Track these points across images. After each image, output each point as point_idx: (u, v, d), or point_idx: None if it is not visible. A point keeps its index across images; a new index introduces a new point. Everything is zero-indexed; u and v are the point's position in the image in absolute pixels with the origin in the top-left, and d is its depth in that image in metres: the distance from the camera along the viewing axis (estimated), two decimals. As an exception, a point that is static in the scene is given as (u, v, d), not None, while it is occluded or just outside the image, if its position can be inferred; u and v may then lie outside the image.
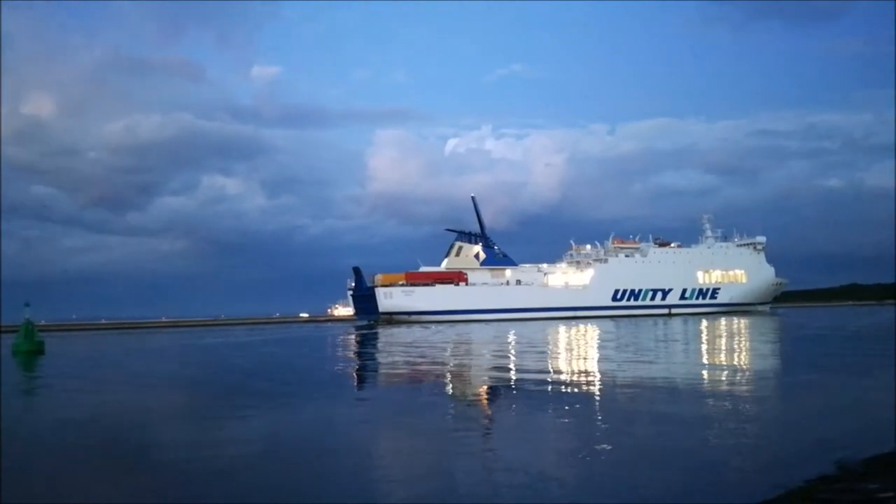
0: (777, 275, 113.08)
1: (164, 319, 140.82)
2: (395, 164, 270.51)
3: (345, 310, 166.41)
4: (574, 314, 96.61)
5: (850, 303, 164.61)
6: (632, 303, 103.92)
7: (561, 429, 11.22)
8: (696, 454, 9.05)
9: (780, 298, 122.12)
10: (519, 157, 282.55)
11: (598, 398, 14.71)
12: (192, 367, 30.30)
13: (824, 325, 55.82)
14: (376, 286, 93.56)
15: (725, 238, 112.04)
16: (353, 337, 55.64)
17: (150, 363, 33.03)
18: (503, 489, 7.72)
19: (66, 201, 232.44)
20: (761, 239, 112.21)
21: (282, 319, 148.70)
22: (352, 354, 36.31)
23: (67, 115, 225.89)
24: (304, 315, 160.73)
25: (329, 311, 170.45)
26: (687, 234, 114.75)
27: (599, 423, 11.50)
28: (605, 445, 9.51)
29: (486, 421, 12.78)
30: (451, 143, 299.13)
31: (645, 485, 7.69)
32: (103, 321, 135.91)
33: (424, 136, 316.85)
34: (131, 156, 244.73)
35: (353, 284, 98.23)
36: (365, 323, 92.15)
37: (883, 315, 78.12)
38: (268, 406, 15.32)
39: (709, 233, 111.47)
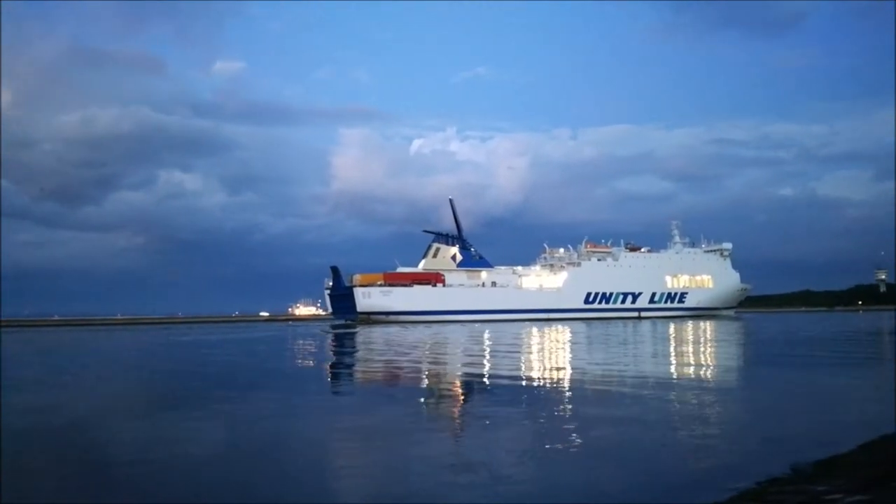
0: (741, 280, 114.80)
1: (119, 317, 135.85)
2: (358, 163, 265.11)
3: (306, 309, 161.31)
4: (548, 316, 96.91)
5: (803, 309, 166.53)
6: (603, 306, 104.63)
7: (518, 427, 10.93)
8: (650, 455, 8.81)
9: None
10: (483, 159, 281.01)
11: (557, 398, 14.45)
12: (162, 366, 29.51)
13: (786, 329, 56.56)
14: (355, 286, 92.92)
15: (693, 244, 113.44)
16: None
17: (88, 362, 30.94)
18: (455, 488, 7.39)
19: (18, 194, 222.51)
20: (727, 245, 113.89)
21: (242, 318, 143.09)
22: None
23: (22, 106, 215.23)
24: (265, 314, 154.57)
25: (290, 309, 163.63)
26: (645, 239, 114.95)
27: (555, 422, 11.23)
28: (557, 445, 9.24)
29: (453, 418, 12.46)
30: (416, 143, 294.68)
31: (594, 486, 7.42)
32: (55, 317, 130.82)
33: (389, 137, 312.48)
34: (87, 149, 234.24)
35: (331, 284, 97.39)
36: (342, 322, 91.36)
37: (845, 320, 79.55)
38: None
39: (677, 238, 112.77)
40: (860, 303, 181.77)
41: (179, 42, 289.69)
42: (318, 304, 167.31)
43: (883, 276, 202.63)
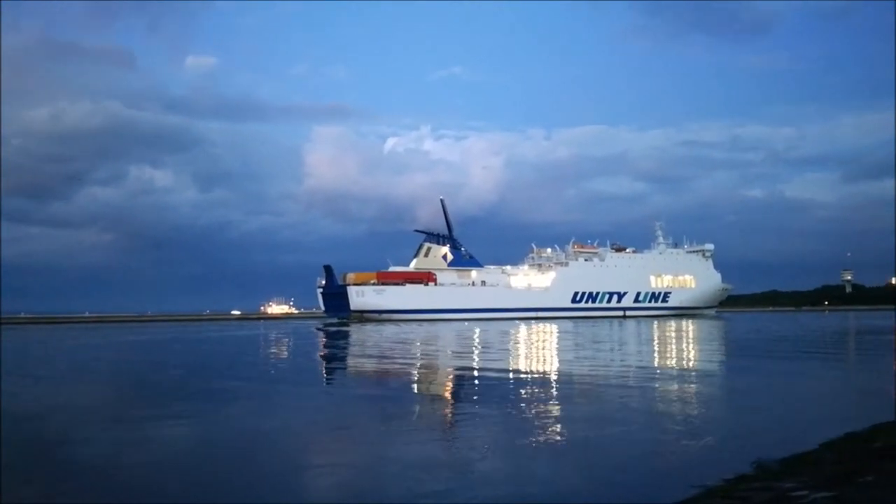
0: (722, 280, 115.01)
1: (87, 315, 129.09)
2: (332, 161, 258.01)
3: (279, 307, 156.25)
4: (536, 315, 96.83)
5: (770, 309, 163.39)
6: (590, 305, 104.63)
7: (485, 422, 10.75)
8: (621, 451, 8.66)
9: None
10: (457, 158, 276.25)
11: (532, 394, 14.27)
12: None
13: (760, 327, 56.73)
14: (348, 285, 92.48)
15: (676, 245, 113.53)
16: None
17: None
18: (421, 481, 7.21)
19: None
20: (709, 246, 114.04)
21: (213, 317, 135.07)
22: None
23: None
24: (237, 312, 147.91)
25: (263, 308, 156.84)
26: (618, 239, 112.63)
27: (527, 417, 11.03)
28: (525, 440, 9.06)
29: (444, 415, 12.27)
30: (391, 141, 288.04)
31: (561, 483, 7.25)
32: (22, 315, 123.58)
33: (363, 134, 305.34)
34: (56, 144, 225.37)
35: (324, 282, 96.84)
36: (335, 320, 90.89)
37: (812, 320, 79.90)
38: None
39: (660, 239, 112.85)
40: (826, 303, 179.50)
41: (151, 36, 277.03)
42: (291, 303, 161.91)
43: (849, 277, 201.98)
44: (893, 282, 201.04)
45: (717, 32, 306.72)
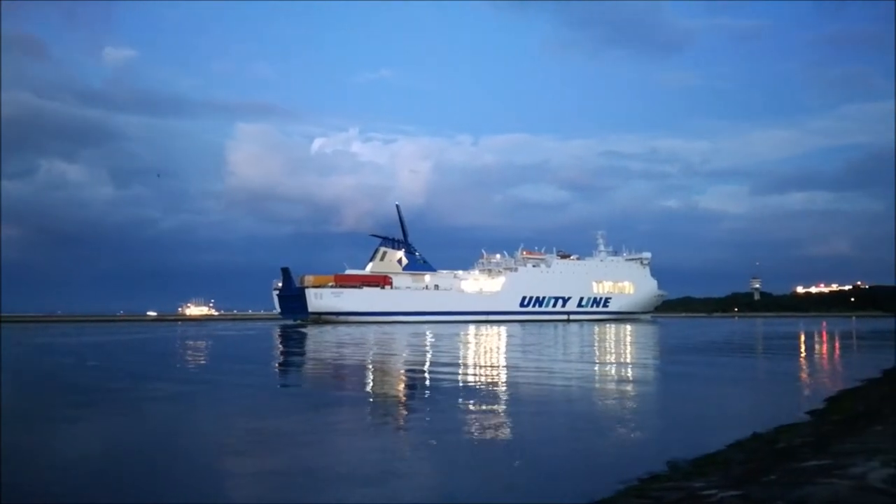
0: (659, 287, 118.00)
1: None
2: (256, 159, 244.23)
3: (198, 308, 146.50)
4: (486, 318, 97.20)
5: (684, 314, 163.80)
6: (537, 309, 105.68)
7: (407, 421, 10.45)
8: (540, 451, 8.48)
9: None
10: (385, 161, 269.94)
11: (455, 394, 14.00)
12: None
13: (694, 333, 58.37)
14: (306, 287, 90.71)
15: (616, 252, 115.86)
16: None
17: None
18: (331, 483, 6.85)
19: None
20: (647, 254, 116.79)
21: (127, 318, 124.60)
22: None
23: None
24: (152, 313, 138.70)
25: (181, 309, 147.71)
26: (540, 246, 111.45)
27: (451, 417, 10.74)
28: (445, 438, 8.80)
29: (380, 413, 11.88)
30: (318, 142, 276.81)
31: (475, 483, 7.01)
32: None
33: (289, 134, 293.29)
34: None
35: (281, 284, 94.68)
36: (292, 322, 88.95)
37: (723, 325, 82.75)
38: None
39: (602, 247, 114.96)
40: (736, 309, 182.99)
41: (67, 26, 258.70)
42: (211, 304, 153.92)
43: (757, 286, 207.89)
44: (798, 290, 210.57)
45: (637, 48, 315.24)
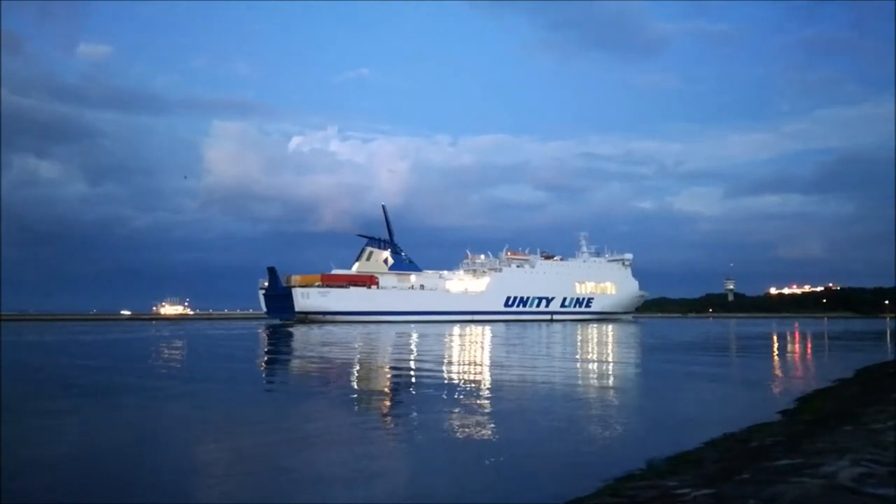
0: (640, 288, 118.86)
1: None
2: (233, 157, 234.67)
3: (173, 308, 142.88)
4: (471, 318, 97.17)
5: (659, 315, 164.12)
6: (521, 309, 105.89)
7: (390, 419, 10.32)
8: (516, 450, 8.39)
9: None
10: (363, 160, 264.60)
11: (429, 393, 13.90)
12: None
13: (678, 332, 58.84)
14: (293, 286, 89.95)
15: (598, 254, 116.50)
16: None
17: None
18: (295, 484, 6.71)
19: None
20: (629, 256, 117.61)
21: (99, 316, 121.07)
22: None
23: None
24: (126, 312, 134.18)
25: (155, 308, 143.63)
26: (519, 247, 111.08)
27: (425, 415, 10.64)
28: (420, 435, 8.69)
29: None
30: (295, 140, 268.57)
31: (452, 481, 6.91)
32: None
33: (267, 132, 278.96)
34: None
35: (267, 284, 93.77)
36: (279, 322, 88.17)
37: (699, 325, 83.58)
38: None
39: (584, 248, 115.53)
40: (710, 310, 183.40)
41: (41, 22, 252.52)
42: (187, 303, 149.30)
43: (731, 287, 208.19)
44: (772, 292, 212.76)
45: (615, 50, 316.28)
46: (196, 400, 13.10)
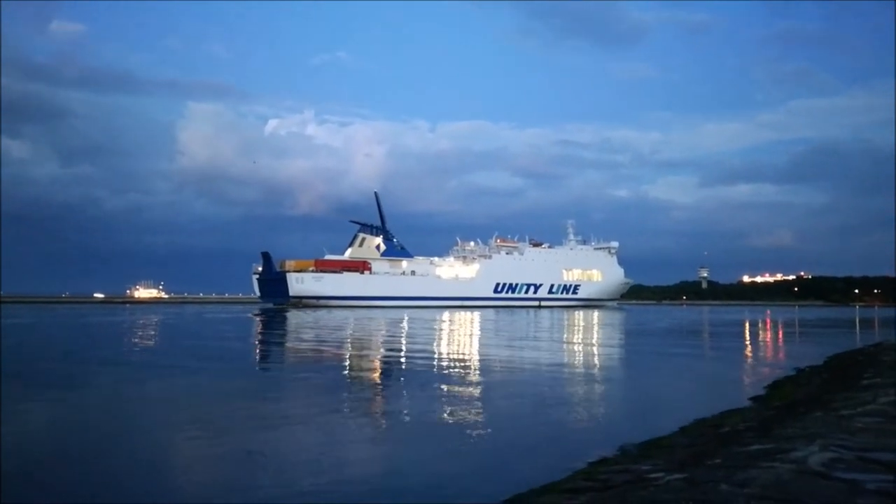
0: (626, 275, 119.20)
1: None
2: (208, 139, 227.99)
3: (147, 291, 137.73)
4: (461, 304, 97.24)
5: (634, 302, 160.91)
6: (510, 295, 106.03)
7: (349, 407, 10.14)
8: (498, 436, 8.25)
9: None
10: (340, 144, 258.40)
11: (426, 375, 13.78)
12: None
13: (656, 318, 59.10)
14: (287, 271, 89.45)
15: (585, 241, 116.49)
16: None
17: None
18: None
19: None
20: (615, 244, 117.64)
21: (71, 299, 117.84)
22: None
23: None
24: (99, 295, 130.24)
25: (129, 291, 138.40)
26: (494, 232, 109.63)
27: (404, 401, 10.47)
28: (403, 418, 8.52)
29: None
30: (272, 123, 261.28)
31: (422, 468, 6.76)
32: None
33: (243, 114, 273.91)
34: None
35: (261, 269, 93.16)
36: (272, 306, 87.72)
37: (673, 312, 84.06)
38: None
39: (571, 236, 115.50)
40: (684, 298, 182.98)
41: None
42: (161, 287, 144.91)
43: (705, 275, 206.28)
44: (745, 280, 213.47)
45: (594, 39, 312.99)
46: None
